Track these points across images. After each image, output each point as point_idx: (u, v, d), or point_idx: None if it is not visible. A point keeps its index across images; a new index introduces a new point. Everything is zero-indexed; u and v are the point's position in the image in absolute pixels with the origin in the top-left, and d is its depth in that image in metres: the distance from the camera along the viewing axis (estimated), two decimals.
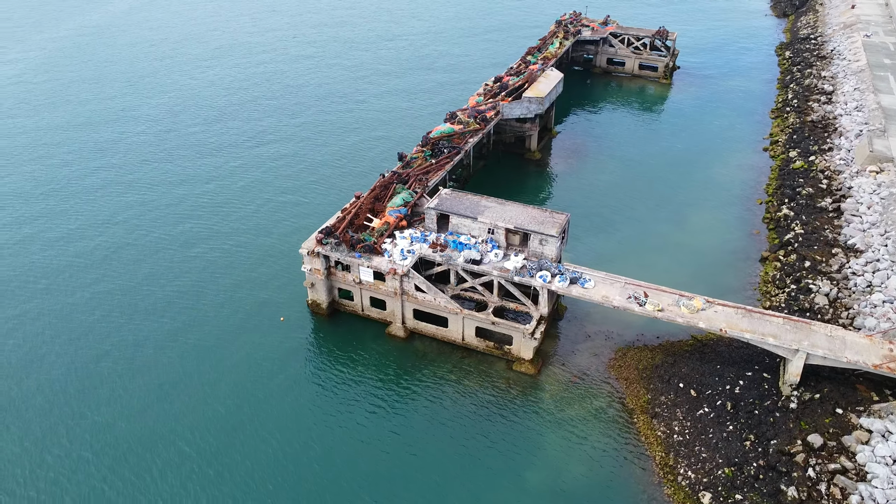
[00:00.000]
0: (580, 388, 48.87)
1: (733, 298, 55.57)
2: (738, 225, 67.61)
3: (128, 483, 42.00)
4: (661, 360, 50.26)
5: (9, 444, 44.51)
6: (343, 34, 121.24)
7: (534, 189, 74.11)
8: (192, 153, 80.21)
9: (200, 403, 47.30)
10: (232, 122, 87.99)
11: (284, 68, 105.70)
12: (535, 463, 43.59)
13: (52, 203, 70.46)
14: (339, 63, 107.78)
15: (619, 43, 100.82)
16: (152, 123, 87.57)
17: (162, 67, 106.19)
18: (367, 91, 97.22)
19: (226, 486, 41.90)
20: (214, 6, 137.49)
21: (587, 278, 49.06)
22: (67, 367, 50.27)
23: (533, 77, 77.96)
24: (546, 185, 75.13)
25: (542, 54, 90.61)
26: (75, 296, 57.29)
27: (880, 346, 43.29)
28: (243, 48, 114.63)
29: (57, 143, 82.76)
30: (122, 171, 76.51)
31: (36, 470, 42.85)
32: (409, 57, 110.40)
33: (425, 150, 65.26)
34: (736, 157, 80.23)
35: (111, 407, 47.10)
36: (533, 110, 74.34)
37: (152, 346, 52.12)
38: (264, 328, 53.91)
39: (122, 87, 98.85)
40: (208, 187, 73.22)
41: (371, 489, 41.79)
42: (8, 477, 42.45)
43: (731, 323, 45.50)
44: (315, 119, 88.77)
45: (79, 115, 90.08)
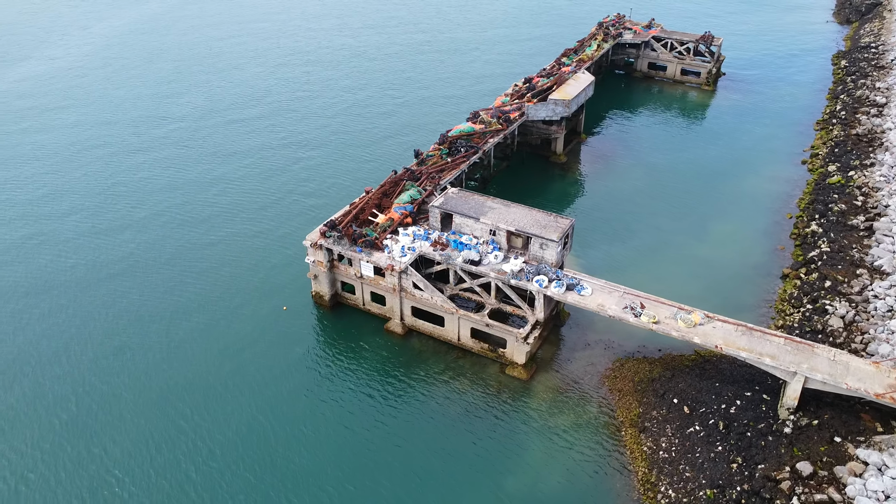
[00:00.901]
0: (571, 397, 48.07)
1: (746, 315, 53.86)
2: (764, 239, 65.08)
3: (125, 453, 44.04)
4: (658, 373, 48.93)
5: (23, 405, 47.09)
6: (387, 31, 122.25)
7: (555, 192, 73.14)
8: (226, 143, 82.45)
9: (200, 382, 49.00)
10: (263, 114, 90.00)
11: (322, 64, 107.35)
12: (515, 468, 43.18)
13: (89, 187, 73.77)
14: (378, 60, 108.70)
15: (661, 47, 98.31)
16: (191, 115, 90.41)
17: (207, 59, 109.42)
18: (399, 88, 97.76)
19: (215, 462, 43.37)
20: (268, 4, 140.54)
21: (584, 285, 48.18)
22: (85, 339, 52.70)
23: (562, 79, 76.91)
24: (568, 189, 74.01)
25: (578, 56, 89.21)
26: (100, 272, 59.93)
27: (887, 374, 41.00)
28: (286, 44, 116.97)
29: (102, 129, 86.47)
30: (161, 157, 79.34)
31: (44, 433, 45.29)
32: (447, 55, 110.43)
33: (442, 149, 65.27)
34: (771, 168, 77.19)
35: (119, 378, 49.33)
36: (559, 113, 73.35)
37: (165, 323, 54.12)
38: (267, 315, 55.04)
39: (170, 75, 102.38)
40: (236, 173, 75.18)
41: (352, 475, 42.53)
42: (18, 436, 44.99)
43: (728, 340, 43.91)
44: (345, 114, 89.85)
45: (126, 104, 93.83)
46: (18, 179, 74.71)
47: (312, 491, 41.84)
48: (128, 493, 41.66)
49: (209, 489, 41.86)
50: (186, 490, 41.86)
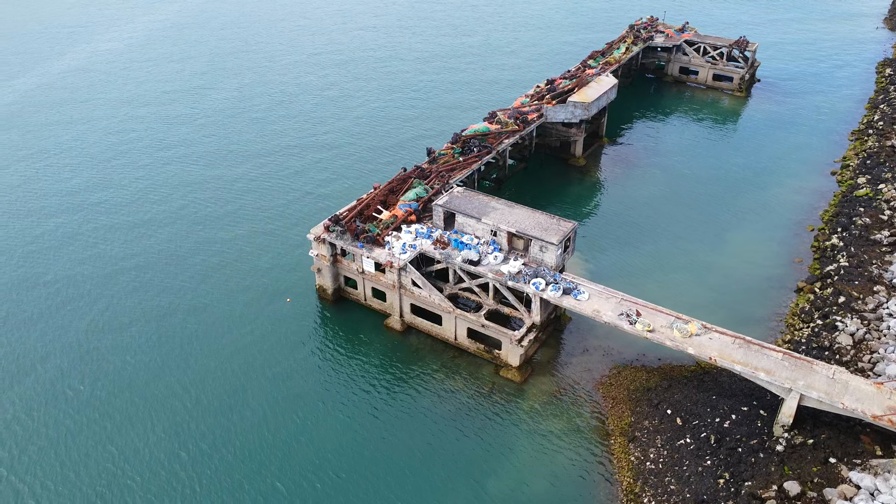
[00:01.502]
0: (563, 402, 47.60)
1: (755, 328, 52.66)
2: (782, 251, 63.22)
3: (129, 427, 45.89)
4: (655, 383, 48.05)
5: (41, 388, 49.00)
6: (422, 31, 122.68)
7: (571, 195, 72.41)
8: (251, 139, 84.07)
9: (204, 366, 50.60)
10: (291, 111, 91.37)
11: (354, 63, 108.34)
12: (499, 470, 42.99)
13: (115, 175, 76.23)
14: (410, 60, 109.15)
15: (693, 51, 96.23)
16: (221, 110, 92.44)
17: (241, 54, 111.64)
18: (427, 89, 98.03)
19: (208, 442, 44.82)
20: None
21: (581, 290, 47.62)
22: (103, 327, 54.57)
23: (583, 81, 76.03)
24: (584, 193, 73.15)
25: (605, 59, 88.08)
26: (124, 262, 61.97)
27: (888, 395, 39.43)
28: (320, 42, 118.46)
29: (135, 123, 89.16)
30: (188, 152, 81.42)
31: (59, 410, 47.42)
32: (479, 56, 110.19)
33: (455, 148, 65.27)
34: (798, 179, 74.87)
35: (133, 355, 51.48)
36: (578, 115, 72.56)
37: (177, 307, 55.62)
38: (271, 307, 55.99)
39: (205, 69, 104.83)
40: (258, 169, 76.62)
41: (337, 462, 43.39)
42: (36, 413, 47.13)
43: (723, 352, 42.85)
44: (372, 113, 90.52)
45: (161, 97, 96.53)
46: (54, 168, 77.57)
47: (301, 474, 42.78)
48: (127, 465, 43.54)
49: (203, 465, 43.42)
50: (182, 465, 43.43)
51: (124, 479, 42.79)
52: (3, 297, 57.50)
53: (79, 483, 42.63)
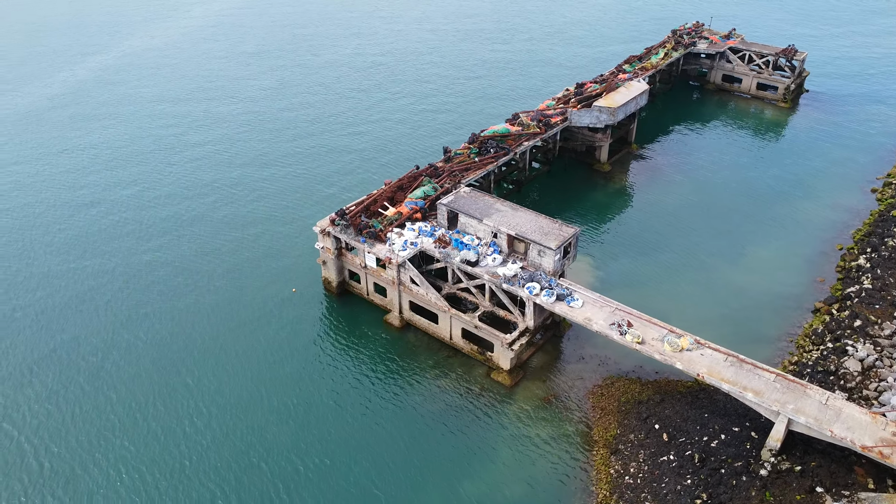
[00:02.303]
0: (551, 409, 47.09)
1: (764, 348, 51.05)
2: (805, 269, 60.73)
3: (133, 399, 48.18)
4: (647, 396, 46.99)
5: (61, 351, 52.03)
6: (466, 29, 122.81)
7: (592, 201, 71.30)
8: (283, 129, 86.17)
9: (208, 348, 52.63)
10: (327, 102, 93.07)
11: (396, 54, 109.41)
12: (476, 472, 42.92)
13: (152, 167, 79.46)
14: (449, 57, 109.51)
15: (737, 59, 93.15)
16: (259, 98, 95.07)
17: (287, 46, 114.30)
18: (457, 87, 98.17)
19: (203, 419, 46.66)
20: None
21: (576, 297, 46.98)
22: (122, 300, 57.33)
23: (612, 86, 74.74)
24: (606, 199, 71.88)
25: (642, 64, 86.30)
26: (147, 243, 64.73)
27: (883, 426, 37.51)
28: (356, 36, 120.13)
29: (176, 106, 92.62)
30: (220, 141, 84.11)
31: (71, 375, 50.18)
32: (519, 53, 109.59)
33: (472, 148, 65.24)
34: (834, 195, 71.66)
35: (145, 333, 53.80)
36: (603, 120, 71.40)
37: (190, 289, 57.91)
38: (278, 295, 57.37)
39: (250, 59, 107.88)
40: (285, 160, 78.48)
41: (323, 447, 44.60)
42: (50, 376, 49.95)
43: (713, 369, 41.57)
44: (405, 108, 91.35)
45: (206, 85, 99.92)
46: (95, 150, 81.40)
47: (286, 457, 44.13)
48: (125, 434, 45.89)
49: (196, 441, 45.31)
50: (175, 441, 45.41)
51: (120, 446, 44.93)
52: (36, 280, 60.79)
53: (78, 447, 44.96)
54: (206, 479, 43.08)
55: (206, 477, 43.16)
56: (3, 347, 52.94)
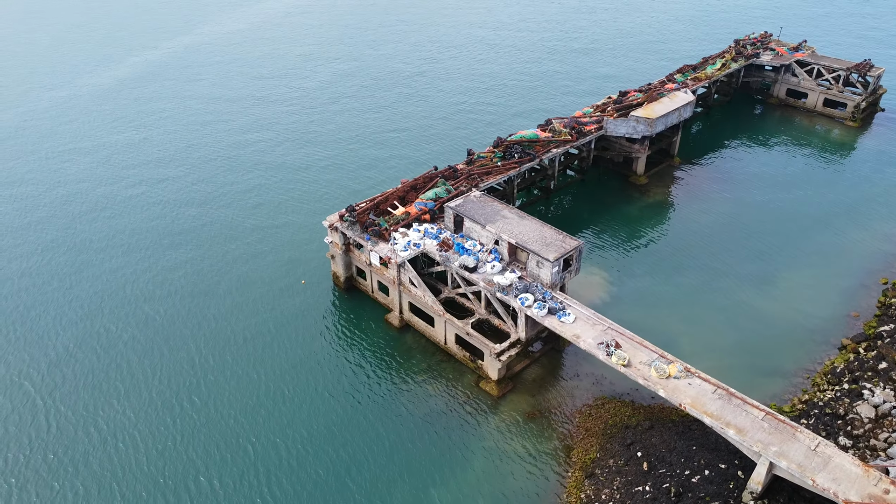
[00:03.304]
0: (534, 425, 45.87)
1: (776, 382, 48.35)
2: (840, 302, 56.55)
3: (135, 383, 50.15)
4: (637, 421, 45.00)
5: (86, 327, 54.87)
6: (527, 29, 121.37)
7: (621, 214, 68.79)
8: (316, 128, 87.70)
9: (212, 333, 54.34)
10: (364, 103, 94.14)
11: (449, 50, 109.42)
12: (446, 481, 42.40)
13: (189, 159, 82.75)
14: (507, 55, 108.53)
15: (803, 73, 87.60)
16: (306, 92, 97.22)
17: (336, 44, 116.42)
18: (501, 86, 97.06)
19: (201, 397, 48.52)
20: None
21: (568, 312, 45.52)
22: (145, 281, 60.29)
23: (653, 96, 71.94)
24: (636, 213, 69.18)
25: (696, 74, 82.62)
26: (171, 235, 67.67)
27: (874, 481, 34.43)
28: (390, 33, 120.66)
29: (220, 105, 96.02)
30: (253, 138, 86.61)
31: (85, 350, 52.96)
32: (576, 55, 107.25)
33: (496, 152, 64.37)
34: (889, 225, 66.37)
35: (161, 315, 55.95)
36: (640, 131, 68.84)
37: (205, 274, 60.18)
38: (289, 286, 58.59)
39: (298, 58, 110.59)
40: (313, 157, 79.96)
41: (307, 435, 45.54)
42: (68, 354, 52.79)
43: (698, 401, 39.33)
44: (444, 108, 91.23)
45: (252, 81, 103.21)
46: (133, 144, 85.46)
47: (271, 440, 45.25)
48: (127, 403, 48.23)
49: (192, 418, 47.14)
50: (172, 415, 47.34)
51: (122, 413, 47.26)
52: (75, 250, 64.65)
53: (84, 411, 47.60)
54: (192, 454, 44.61)
55: (193, 452, 44.70)
56: (36, 312, 56.48)
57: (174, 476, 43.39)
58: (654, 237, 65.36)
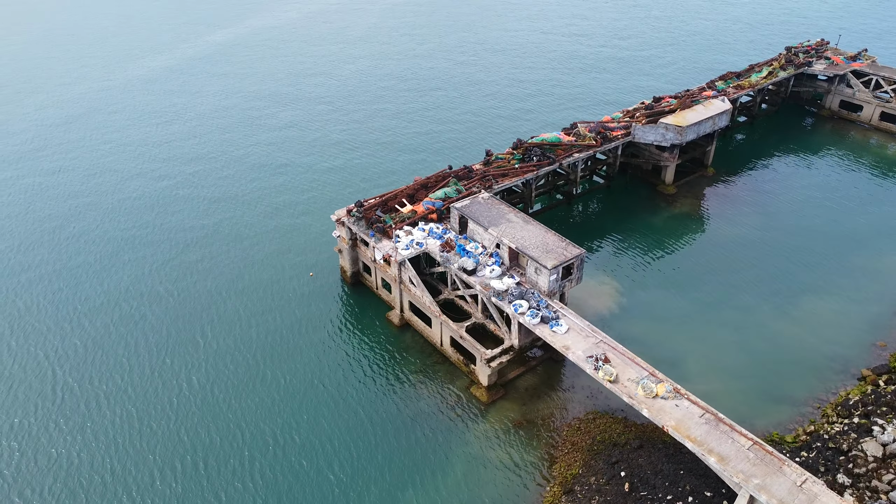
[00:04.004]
0: (520, 434, 44.90)
1: (783, 410, 46.30)
2: (867, 330, 53.20)
3: (141, 360, 51.81)
4: (626, 439, 43.44)
5: (104, 303, 57.13)
6: (577, 29, 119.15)
7: (643, 223, 66.48)
8: (339, 127, 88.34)
9: (217, 316, 55.72)
10: (391, 101, 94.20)
11: (496, 50, 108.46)
12: (422, 483, 42.00)
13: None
14: (543, 59, 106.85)
15: (859, 83, 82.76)
16: (337, 88, 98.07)
17: (364, 43, 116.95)
18: (542, 87, 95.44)
19: (208, 374, 49.99)
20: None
21: (561, 322, 44.31)
22: (165, 259, 62.28)
23: (687, 103, 69.31)
24: (659, 223, 66.69)
25: (739, 81, 79.21)
26: (200, 212, 69.60)
27: None
28: (420, 32, 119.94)
29: (249, 101, 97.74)
30: (279, 134, 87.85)
31: (105, 324, 55.05)
32: (614, 62, 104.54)
33: (515, 154, 63.29)
34: None
35: (175, 301, 57.61)
36: (669, 139, 66.45)
37: (223, 250, 61.54)
38: (297, 277, 59.28)
39: (325, 58, 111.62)
40: (336, 158, 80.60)
41: (293, 422, 46.26)
42: (83, 324, 55.15)
43: (683, 424, 37.61)
44: (481, 110, 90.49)
45: (283, 79, 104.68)
46: (173, 136, 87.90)
47: (256, 423, 46.09)
48: (131, 379, 50.09)
49: (189, 398, 48.50)
50: (171, 394, 48.87)
51: (123, 388, 49.08)
52: (102, 229, 67.21)
53: (89, 384, 49.62)
54: (183, 434, 45.78)
55: (184, 432, 45.89)
56: (59, 286, 59.07)
57: (163, 454, 44.55)
58: (674, 249, 63.01)
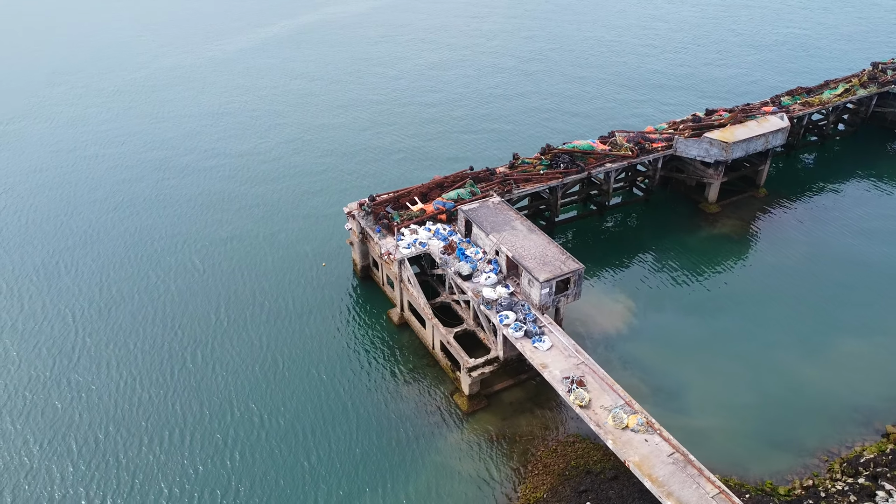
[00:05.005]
0: (493, 449, 43.48)
1: (784, 458, 43.06)
2: None
3: (148, 337, 54.04)
4: (602, 468, 41.17)
5: (125, 284, 59.06)
6: (651, 31, 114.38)
7: (676, 242, 62.68)
8: (376, 126, 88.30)
9: (231, 295, 57.32)
10: (416, 98, 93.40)
11: (524, 59, 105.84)
12: (385, 490, 41.30)
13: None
14: (600, 60, 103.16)
15: None
16: (371, 100, 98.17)
17: (410, 43, 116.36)
18: (598, 91, 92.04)
19: (211, 357, 51.20)
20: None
21: (544, 339, 42.46)
22: (195, 234, 64.91)
23: (739, 118, 64.83)
24: (694, 243, 62.57)
25: (808, 98, 73.41)
26: (235, 195, 71.81)
27: None
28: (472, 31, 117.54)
29: (287, 98, 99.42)
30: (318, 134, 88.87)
31: (129, 295, 57.91)
32: (686, 67, 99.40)
33: (543, 159, 61.30)
34: None
35: (198, 276, 59.62)
36: (713, 155, 62.43)
37: (238, 250, 63.46)
38: (310, 266, 60.05)
39: (368, 60, 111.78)
40: (364, 143, 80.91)
41: (283, 408, 46.78)
42: (111, 294, 57.93)
43: (646, 461, 35.16)
44: (510, 104, 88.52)
45: (327, 78, 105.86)
46: (228, 115, 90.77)
47: (252, 409, 46.70)
48: (140, 346, 52.27)
49: (191, 372, 49.91)
50: (174, 366, 50.51)
51: (132, 355, 51.20)
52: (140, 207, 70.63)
53: (104, 349, 52.00)
54: (177, 405, 47.13)
55: (178, 404, 47.20)
56: (93, 254, 62.48)
57: (155, 422, 46.01)
58: (703, 272, 59.15)
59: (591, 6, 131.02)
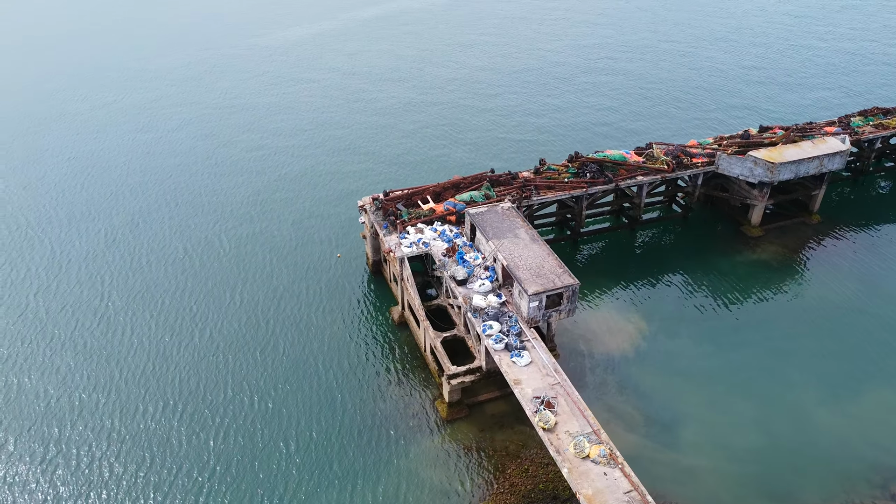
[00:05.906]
0: (464, 460, 42.30)
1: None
2: None
3: (154, 320, 56.15)
4: (570, 495, 39.14)
5: (155, 259, 61.72)
6: (714, 33, 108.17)
7: (709, 264, 58.77)
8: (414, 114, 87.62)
9: (245, 279, 58.47)
10: (450, 96, 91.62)
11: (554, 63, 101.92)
12: (360, 487, 40.86)
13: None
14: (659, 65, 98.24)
15: None
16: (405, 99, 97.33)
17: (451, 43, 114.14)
18: (645, 98, 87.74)
19: (216, 346, 52.20)
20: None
21: (523, 355, 40.79)
22: (218, 217, 66.95)
23: (792, 137, 60.01)
24: (728, 267, 58.37)
25: (883, 120, 67.13)
26: (258, 183, 73.51)
27: None
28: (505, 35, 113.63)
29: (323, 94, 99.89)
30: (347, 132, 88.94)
31: (128, 295, 60.43)
32: (752, 68, 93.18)
33: (570, 167, 59.03)
34: None
35: (221, 256, 61.46)
36: (758, 175, 58.12)
37: (251, 239, 64.87)
38: (326, 255, 60.55)
39: (401, 59, 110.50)
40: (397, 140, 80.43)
41: (274, 393, 47.26)
42: (137, 279, 60.72)
43: (599, 496, 33.07)
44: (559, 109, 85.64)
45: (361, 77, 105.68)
46: (272, 107, 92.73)
47: (245, 391, 47.49)
48: (155, 319, 54.04)
49: (193, 350, 51.14)
50: (178, 344, 51.71)
51: (150, 326, 53.20)
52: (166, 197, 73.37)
53: (122, 318, 54.20)
54: (176, 379, 48.38)
55: (178, 378, 48.43)
56: (124, 230, 65.53)
57: (152, 393, 47.33)
58: (732, 299, 55.24)
59: (673, 14, 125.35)
